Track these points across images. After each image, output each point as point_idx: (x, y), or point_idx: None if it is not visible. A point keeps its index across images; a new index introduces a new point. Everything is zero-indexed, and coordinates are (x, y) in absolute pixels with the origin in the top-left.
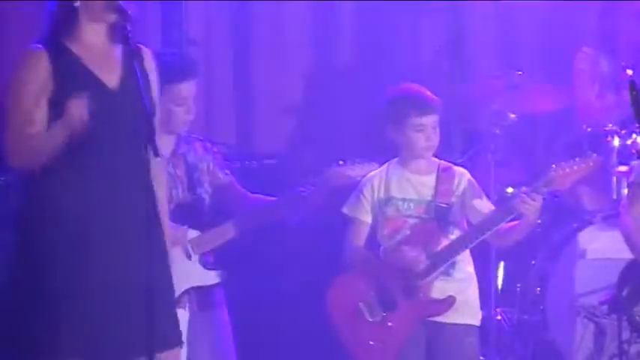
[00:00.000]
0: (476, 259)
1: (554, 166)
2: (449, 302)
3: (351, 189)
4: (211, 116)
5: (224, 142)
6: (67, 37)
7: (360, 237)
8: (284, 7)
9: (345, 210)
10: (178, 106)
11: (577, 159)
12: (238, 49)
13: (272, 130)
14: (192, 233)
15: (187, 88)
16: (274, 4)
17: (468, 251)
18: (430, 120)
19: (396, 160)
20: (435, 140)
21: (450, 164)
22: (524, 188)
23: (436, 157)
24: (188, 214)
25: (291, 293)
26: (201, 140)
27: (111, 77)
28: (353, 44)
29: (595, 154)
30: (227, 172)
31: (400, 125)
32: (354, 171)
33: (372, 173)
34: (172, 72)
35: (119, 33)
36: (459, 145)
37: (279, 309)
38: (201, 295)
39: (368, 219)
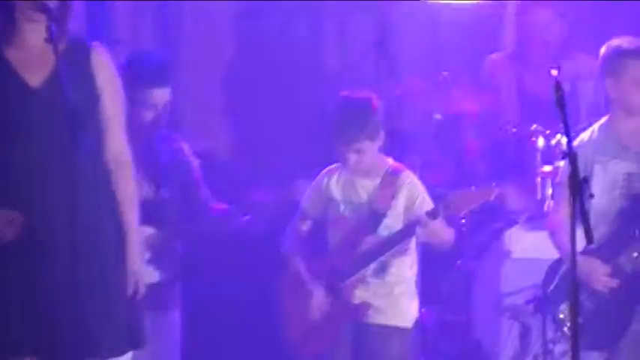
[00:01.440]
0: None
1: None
2: (363, 307)
3: None
4: None
5: None
6: (4, 39)
7: (302, 229)
8: (211, 6)
9: (301, 200)
10: (147, 111)
11: (476, 188)
12: (164, 50)
13: (198, 131)
14: (148, 230)
15: (159, 95)
16: (200, 4)
17: (408, 254)
18: (365, 144)
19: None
20: (363, 164)
21: (400, 167)
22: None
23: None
24: (152, 212)
25: (250, 298)
26: (180, 141)
27: (35, 76)
28: (280, 43)
29: (494, 184)
30: (200, 175)
31: (339, 143)
32: None
33: (324, 170)
34: (144, 77)
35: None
36: (385, 146)
37: (238, 313)
38: (149, 293)
39: (313, 213)
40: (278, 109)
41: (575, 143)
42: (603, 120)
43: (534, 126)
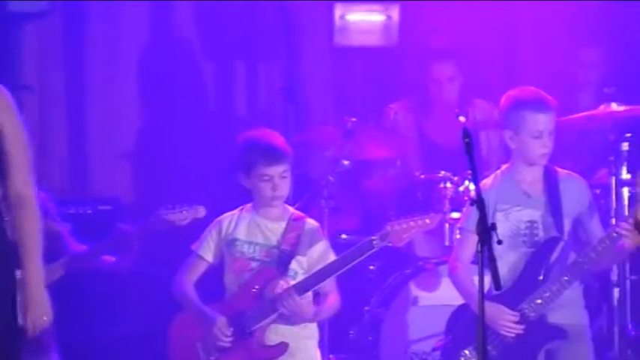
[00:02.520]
0: None
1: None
2: (280, 348)
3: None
4: (45, 162)
5: (59, 187)
6: None
7: (195, 272)
8: (116, 52)
9: (193, 246)
10: None
11: (414, 216)
12: (72, 95)
13: (106, 176)
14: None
15: None
16: (107, 49)
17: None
18: (278, 170)
19: (250, 204)
20: (283, 190)
21: (302, 215)
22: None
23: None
24: None
25: (127, 338)
26: (48, 201)
27: None
28: (190, 88)
29: (432, 213)
30: (57, 219)
31: (249, 174)
32: (177, 216)
33: (225, 215)
34: None
35: None
36: (293, 191)
37: (116, 355)
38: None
39: (209, 258)
40: (188, 153)
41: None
42: (505, 167)
43: (442, 172)
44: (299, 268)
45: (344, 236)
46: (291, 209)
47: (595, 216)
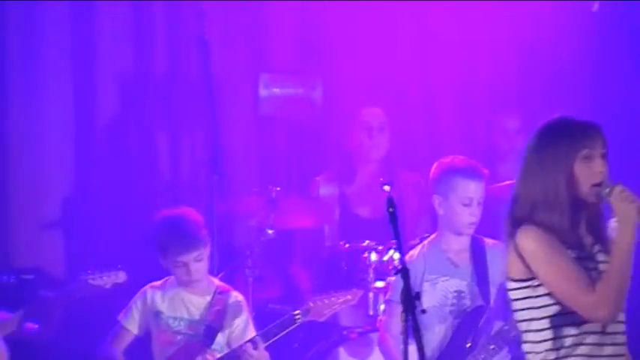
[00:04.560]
0: None
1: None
2: None
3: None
4: None
5: None
6: None
7: (120, 343)
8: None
9: (119, 317)
10: None
11: (336, 291)
12: None
13: (31, 245)
14: None
15: None
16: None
17: None
18: (192, 256)
19: (173, 277)
20: (198, 274)
21: (228, 288)
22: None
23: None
24: None
25: None
26: None
27: None
28: (110, 158)
29: (355, 288)
30: None
31: (164, 257)
32: (97, 281)
33: (150, 285)
34: None
35: None
36: (217, 260)
37: None
38: None
39: (134, 329)
40: (112, 222)
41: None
42: (432, 237)
43: (367, 242)
44: (225, 342)
45: (268, 306)
46: (216, 282)
47: None
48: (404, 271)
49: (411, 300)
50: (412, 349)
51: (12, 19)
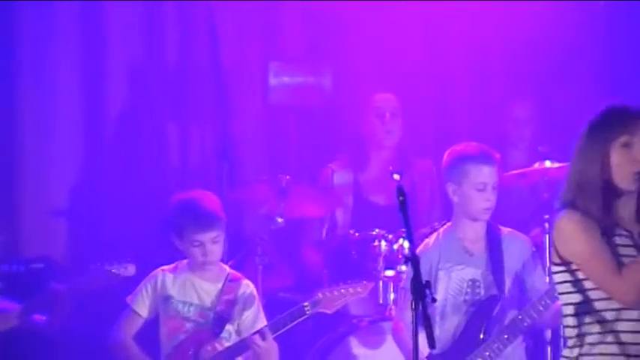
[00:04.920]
0: None
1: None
2: None
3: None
4: None
5: None
6: None
7: (131, 327)
8: (50, 109)
9: (127, 299)
10: None
11: (346, 283)
12: (1, 154)
13: (39, 234)
14: None
15: None
16: (39, 107)
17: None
18: (209, 236)
19: (186, 261)
20: (214, 255)
21: (239, 276)
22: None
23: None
24: None
25: None
26: None
27: None
28: (120, 148)
29: (365, 281)
30: None
31: (181, 237)
32: (108, 274)
33: (160, 269)
34: None
35: None
36: (227, 248)
37: None
38: None
39: (144, 313)
40: (122, 212)
41: (420, 248)
42: (447, 225)
43: (376, 230)
44: (234, 330)
45: (279, 295)
46: (227, 269)
47: (536, 274)
48: (414, 260)
49: (420, 289)
50: (423, 337)
51: (23, 10)
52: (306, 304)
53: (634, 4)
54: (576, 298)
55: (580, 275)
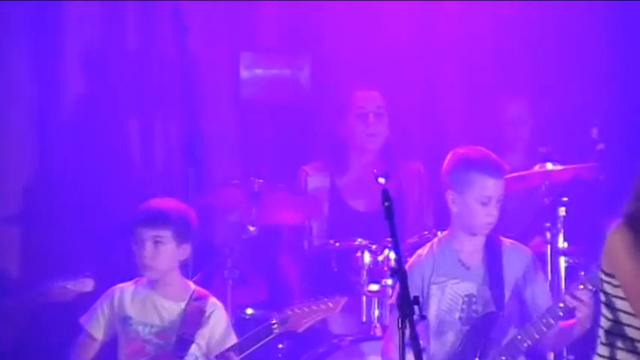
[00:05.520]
0: None
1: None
2: None
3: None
4: None
5: None
6: None
7: (87, 352)
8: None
9: (81, 320)
10: None
11: (317, 299)
12: None
13: None
14: None
15: None
16: None
17: None
18: (150, 234)
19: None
20: (154, 260)
21: (205, 293)
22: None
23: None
24: None
25: None
26: None
27: None
28: (77, 148)
29: (338, 295)
30: None
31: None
32: (63, 289)
33: (117, 286)
34: None
35: None
36: (194, 261)
37: None
38: None
39: (99, 335)
40: (74, 218)
41: (411, 260)
42: (442, 235)
43: (359, 240)
44: (199, 353)
45: (249, 311)
46: (192, 286)
47: (539, 289)
48: (400, 273)
49: (408, 305)
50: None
51: None
52: (273, 321)
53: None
54: (612, 313)
55: (620, 292)
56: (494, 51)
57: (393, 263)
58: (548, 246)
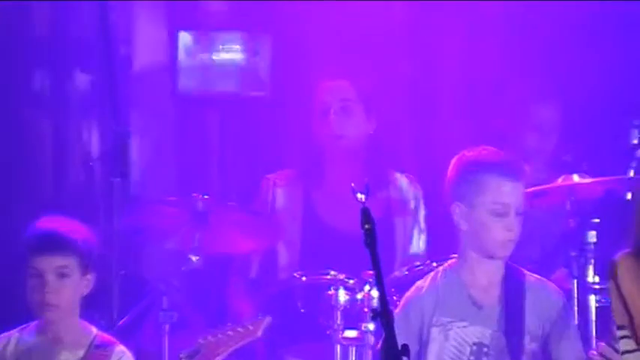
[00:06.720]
0: None
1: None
2: None
3: None
4: None
5: None
6: None
7: None
8: None
9: None
10: None
11: (235, 323)
12: None
13: None
14: None
15: None
16: None
17: None
18: (51, 264)
19: (35, 322)
20: (58, 295)
21: (111, 340)
22: None
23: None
24: None
25: None
26: None
27: None
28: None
29: (260, 315)
30: None
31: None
32: None
33: (7, 334)
34: None
35: None
36: (118, 303)
37: None
38: None
39: None
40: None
41: (409, 294)
42: (449, 263)
43: (332, 273)
44: None
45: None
46: (94, 330)
47: (569, 346)
48: (384, 316)
49: (394, 356)
50: None
51: None
52: (181, 355)
53: None
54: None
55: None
56: (503, 39)
57: (375, 303)
58: (575, 281)
